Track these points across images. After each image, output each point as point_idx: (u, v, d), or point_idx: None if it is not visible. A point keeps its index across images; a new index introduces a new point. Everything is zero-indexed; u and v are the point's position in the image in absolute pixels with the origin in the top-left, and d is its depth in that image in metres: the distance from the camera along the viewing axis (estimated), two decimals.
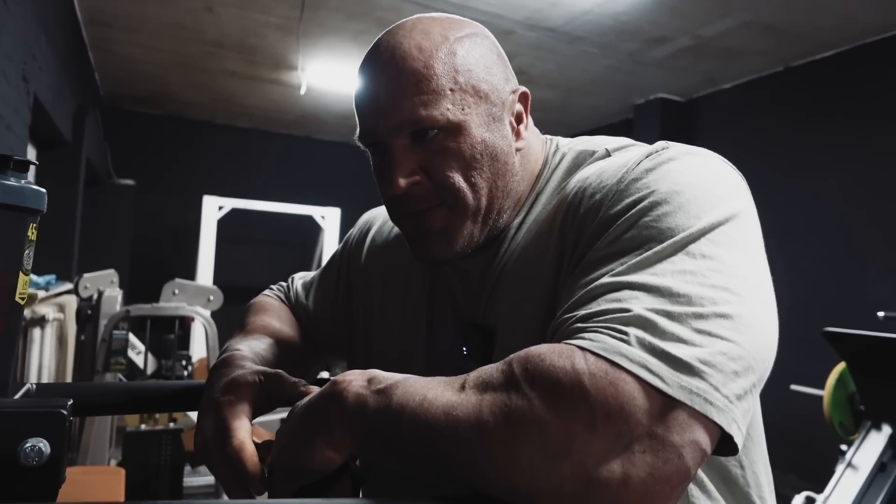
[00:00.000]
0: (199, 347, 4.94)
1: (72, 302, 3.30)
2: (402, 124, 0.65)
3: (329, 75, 4.80)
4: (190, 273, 5.58)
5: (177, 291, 3.09)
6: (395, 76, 0.65)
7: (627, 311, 0.47)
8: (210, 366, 3.21)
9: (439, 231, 0.68)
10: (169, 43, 4.40)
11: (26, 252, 0.59)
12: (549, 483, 0.43)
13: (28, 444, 0.51)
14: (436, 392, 0.48)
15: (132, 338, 3.15)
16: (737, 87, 4.69)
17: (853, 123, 3.91)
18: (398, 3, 3.63)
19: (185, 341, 4.51)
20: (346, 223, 6.10)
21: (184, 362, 3.38)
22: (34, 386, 0.70)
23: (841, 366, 2.63)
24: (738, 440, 0.46)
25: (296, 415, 0.54)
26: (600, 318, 0.48)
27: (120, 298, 3.09)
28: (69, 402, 0.54)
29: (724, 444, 0.47)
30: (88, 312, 3.03)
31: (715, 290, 0.49)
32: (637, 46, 4.11)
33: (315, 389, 0.59)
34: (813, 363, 3.12)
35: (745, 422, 0.47)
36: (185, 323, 3.41)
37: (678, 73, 4.56)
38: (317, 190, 6.62)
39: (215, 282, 5.38)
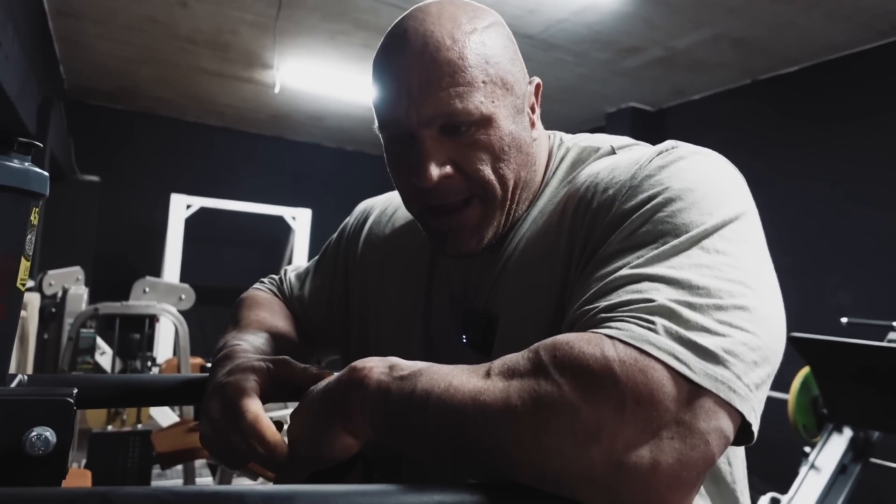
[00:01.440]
0: (164, 348, 4.82)
1: (34, 299, 3.20)
2: (437, 116, 0.64)
3: (303, 75, 4.76)
4: (156, 272, 5.45)
5: (147, 290, 3.02)
6: (430, 66, 0.64)
7: (651, 300, 0.48)
8: (179, 364, 3.15)
9: (472, 227, 0.68)
10: (139, 37, 4.30)
11: (28, 237, 0.58)
12: (577, 468, 0.43)
13: (34, 433, 0.50)
14: (461, 378, 0.48)
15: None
16: (705, 99, 4.81)
17: (814, 136, 4.04)
18: (375, 4, 3.62)
19: (149, 342, 4.42)
20: (317, 224, 6.04)
21: (149, 363, 3.30)
22: (25, 377, 0.68)
23: (805, 370, 2.71)
24: (756, 428, 0.48)
25: (312, 400, 0.54)
26: (625, 308, 0.48)
27: (86, 297, 3.01)
28: (74, 391, 0.53)
29: (740, 434, 0.49)
30: (52, 310, 2.94)
31: (731, 283, 0.50)
32: (610, 56, 4.18)
33: (329, 374, 0.58)
34: (778, 367, 3.21)
35: (760, 411, 0.49)
36: (152, 322, 3.34)
37: (649, 83, 4.65)
38: (288, 190, 6.54)
39: (182, 281, 5.27)
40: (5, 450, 0.49)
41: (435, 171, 0.65)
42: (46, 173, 0.59)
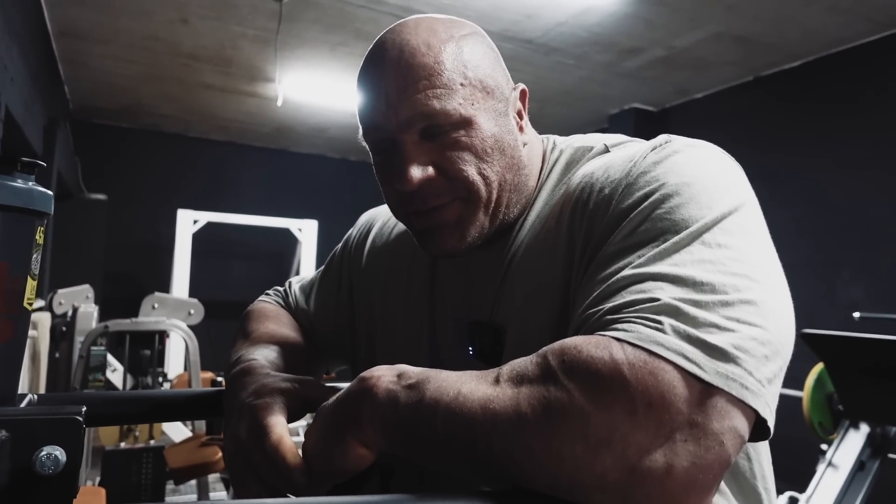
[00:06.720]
0: (174, 363, 4.84)
1: (44, 319, 3.22)
2: (415, 118, 0.65)
3: (306, 87, 4.78)
4: (164, 288, 5.47)
5: (156, 305, 3.03)
6: (406, 71, 0.65)
7: (656, 300, 0.47)
8: (190, 379, 3.15)
9: (452, 224, 0.68)
10: (142, 55, 4.34)
11: (34, 256, 0.58)
12: (590, 474, 0.42)
13: (44, 453, 0.49)
14: (470, 386, 0.47)
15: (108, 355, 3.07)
16: (708, 97, 4.80)
17: (820, 131, 4.02)
18: (375, 15, 3.64)
19: (160, 357, 4.43)
20: (323, 235, 6.06)
21: (160, 379, 3.30)
22: (35, 396, 0.68)
23: (819, 367, 2.68)
24: (771, 424, 0.47)
25: (325, 413, 0.53)
26: (630, 309, 0.48)
27: (96, 314, 3.02)
28: (83, 409, 0.53)
29: (756, 431, 0.48)
30: (63, 329, 2.95)
31: (735, 277, 0.49)
32: (611, 57, 4.18)
33: None
34: (791, 365, 3.17)
35: (775, 406, 0.48)
36: (162, 338, 3.34)
37: (651, 83, 4.64)
38: (293, 202, 6.57)
39: (191, 296, 5.29)
40: (16, 470, 0.49)
41: (416, 173, 0.65)
42: (51, 192, 0.59)
